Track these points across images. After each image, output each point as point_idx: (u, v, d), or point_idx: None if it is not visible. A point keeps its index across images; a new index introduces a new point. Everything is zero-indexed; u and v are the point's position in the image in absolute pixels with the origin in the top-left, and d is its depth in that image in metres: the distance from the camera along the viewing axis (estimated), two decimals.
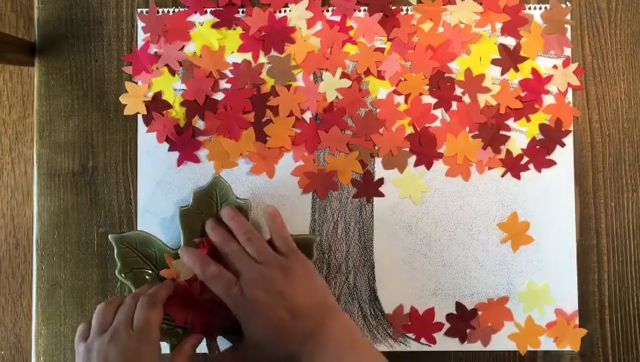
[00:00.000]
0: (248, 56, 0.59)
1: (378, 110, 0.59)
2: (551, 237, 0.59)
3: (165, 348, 0.54)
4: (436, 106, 0.59)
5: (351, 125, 0.58)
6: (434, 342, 0.58)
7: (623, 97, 0.60)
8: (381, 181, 0.59)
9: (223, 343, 0.55)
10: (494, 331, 0.58)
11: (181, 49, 0.59)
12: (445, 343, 0.58)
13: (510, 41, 0.59)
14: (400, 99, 0.59)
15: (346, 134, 0.58)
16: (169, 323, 0.55)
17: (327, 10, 0.59)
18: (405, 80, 0.59)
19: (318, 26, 0.59)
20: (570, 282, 0.58)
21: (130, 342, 0.46)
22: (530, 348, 0.58)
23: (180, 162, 0.59)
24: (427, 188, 0.59)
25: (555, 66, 0.59)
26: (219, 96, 0.59)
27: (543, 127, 0.59)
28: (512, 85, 0.59)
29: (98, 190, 0.59)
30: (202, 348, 0.54)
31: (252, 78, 0.59)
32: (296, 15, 0.59)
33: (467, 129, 0.59)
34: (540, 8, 0.60)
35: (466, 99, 0.59)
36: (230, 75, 0.59)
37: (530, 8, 0.60)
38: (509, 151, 0.59)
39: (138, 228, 0.58)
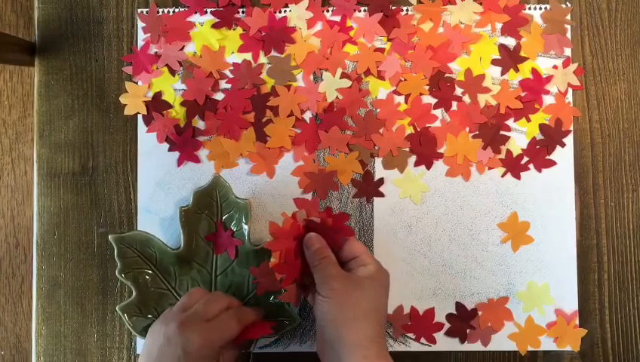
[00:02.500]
0: (248, 56, 0.59)
1: (378, 110, 0.59)
2: (551, 237, 0.59)
3: None
4: (436, 106, 0.59)
5: (351, 125, 0.58)
6: (434, 342, 0.58)
7: (623, 97, 0.60)
8: (381, 181, 0.59)
9: None
10: (494, 331, 0.58)
11: (181, 49, 0.59)
12: (445, 343, 0.58)
13: (510, 41, 0.59)
14: (400, 99, 0.59)
15: (346, 134, 0.58)
16: None
17: (327, 11, 0.59)
18: (405, 80, 0.59)
19: (318, 26, 0.59)
20: (570, 282, 0.58)
21: (198, 336, 0.47)
22: (530, 348, 0.58)
23: (180, 162, 0.59)
24: (427, 188, 0.59)
25: (555, 66, 0.59)
26: (219, 96, 0.59)
27: (543, 127, 0.59)
28: (512, 85, 0.59)
29: (98, 190, 0.59)
30: None
31: (252, 78, 0.59)
32: (297, 15, 0.59)
33: (467, 129, 0.59)
34: (540, 8, 0.60)
35: (466, 99, 0.59)
36: (230, 75, 0.59)
37: (530, 8, 0.60)
38: (509, 151, 0.59)
39: (138, 228, 0.58)
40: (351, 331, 0.46)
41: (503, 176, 0.59)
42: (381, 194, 0.59)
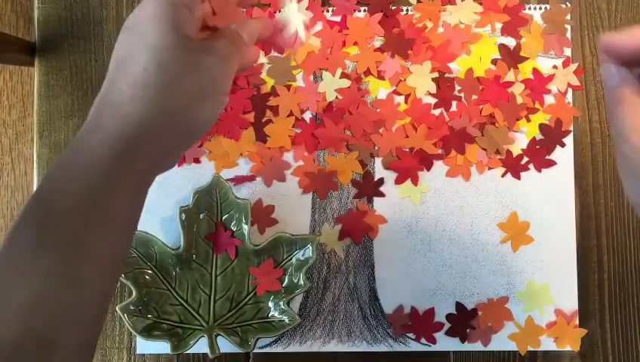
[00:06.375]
0: None
1: (378, 110, 0.59)
2: (551, 237, 0.59)
3: (165, 348, 0.54)
4: (436, 106, 0.59)
5: None
6: (434, 341, 0.58)
7: None
8: (381, 181, 0.59)
9: (222, 343, 0.55)
10: (494, 331, 0.58)
11: None
12: (445, 343, 0.58)
13: (510, 42, 0.59)
14: (400, 99, 0.59)
15: (346, 134, 0.58)
16: (169, 323, 0.55)
17: (327, 11, 0.59)
18: (405, 80, 0.59)
19: (318, 26, 0.59)
20: (570, 282, 0.58)
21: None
22: (530, 348, 0.58)
23: (179, 162, 0.59)
24: (427, 188, 0.59)
25: (555, 66, 0.59)
26: None
27: (543, 127, 0.59)
28: None
29: None
30: (203, 348, 0.54)
31: (252, 78, 0.59)
32: None
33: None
34: (540, 8, 0.60)
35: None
36: None
37: (530, 8, 0.60)
38: (509, 151, 0.59)
39: (138, 229, 0.58)
40: None
41: (503, 176, 0.59)
42: (381, 194, 0.59)
